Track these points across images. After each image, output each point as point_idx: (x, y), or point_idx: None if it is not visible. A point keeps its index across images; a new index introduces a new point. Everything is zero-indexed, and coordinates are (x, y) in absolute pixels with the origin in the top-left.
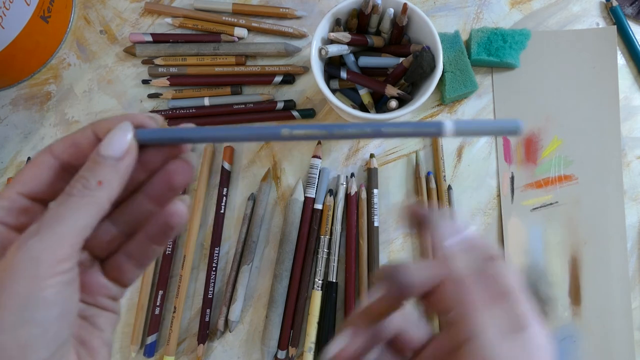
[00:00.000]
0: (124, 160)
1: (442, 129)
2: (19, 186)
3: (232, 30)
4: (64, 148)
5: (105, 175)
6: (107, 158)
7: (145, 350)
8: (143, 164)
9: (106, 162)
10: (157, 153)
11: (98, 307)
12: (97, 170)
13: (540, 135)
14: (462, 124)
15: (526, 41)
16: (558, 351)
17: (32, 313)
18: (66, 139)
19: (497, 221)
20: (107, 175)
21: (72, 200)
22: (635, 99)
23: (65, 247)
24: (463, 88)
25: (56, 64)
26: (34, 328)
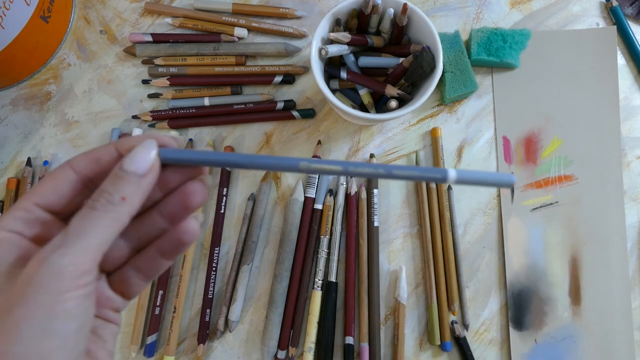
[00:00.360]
0: (147, 177)
1: (446, 175)
2: (36, 197)
3: (232, 30)
4: (86, 163)
5: (129, 191)
6: (131, 174)
7: (145, 350)
8: (161, 182)
9: (129, 178)
10: (176, 173)
11: (103, 319)
12: (121, 186)
13: (540, 135)
14: (464, 174)
15: (526, 41)
16: (558, 351)
17: (54, 325)
18: (88, 154)
19: (497, 221)
20: (130, 191)
21: (95, 215)
22: (635, 99)
23: (87, 261)
24: (463, 88)
25: (56, 64)
26: (56, 340)
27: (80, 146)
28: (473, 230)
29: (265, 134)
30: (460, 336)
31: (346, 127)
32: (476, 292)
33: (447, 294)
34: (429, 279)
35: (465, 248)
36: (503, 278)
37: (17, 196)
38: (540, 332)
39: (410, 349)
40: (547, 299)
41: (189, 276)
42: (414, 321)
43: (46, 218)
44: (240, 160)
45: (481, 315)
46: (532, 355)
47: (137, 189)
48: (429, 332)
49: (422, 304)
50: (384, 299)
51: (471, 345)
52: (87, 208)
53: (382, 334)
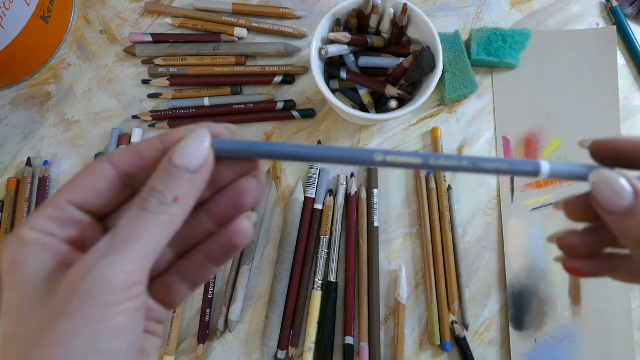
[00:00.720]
0: (201, 173)
1: (539, 169)
2: (70, 194)
3: (232, 30)
4: (127, 158)
5: (182, 189)
6: (182, 170)
7: None
8: (211, 179)
9: (181, 175)
10: (229, 168)
11: (146, 332)
12: (173, 184)
13: (540, 135)
14: (558, 168)
15: (526, 41)
16: (558, 351)
17: (104, 343)
18: (130, 148)
19: (497, 221)
20: (183, 189)
21: (147, 217)
22: (635, 99)
23: (139, 270)
24: (463, 88)
25: (56, 64)
26: (105, 359)
27: (81, 146)
28: (473, 230)
29: (265, 134)
30: (460, 336)
31: (346, 127)
32: (476, 292)
33: (447, 294)
34: (429, 279)
35: (465, 248)
36: (503, 278)
37: (17, 196)
38: (540, 332)
39: (410, 349)
40: (547, 299)
41: None
42: (414, 321)
43: (81, 218)
44: (307, 152)
45: (481, 315)
46: (532, 355)
47: (190, 187)
48: (429, 332)
49: (422, 304)
50: (384, 299)
51: (471, 345)
52: (138, 209)
53: (382, 334)
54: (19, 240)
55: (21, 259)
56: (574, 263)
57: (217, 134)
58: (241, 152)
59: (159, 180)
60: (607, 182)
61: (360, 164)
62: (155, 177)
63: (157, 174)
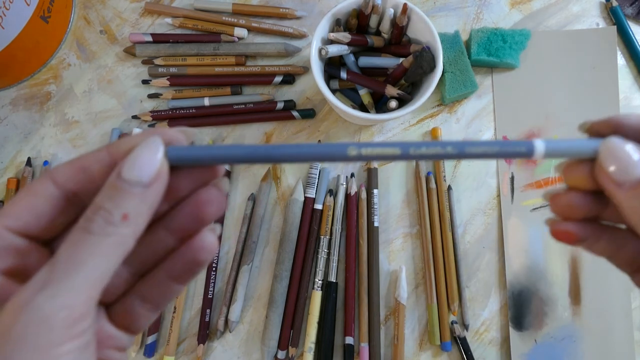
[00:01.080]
0: (154, 187)
1: (533, 149)
2: (9, 220)
3: (232, 30)
4: (70, 174)
5: (131, 206)
6: (132, 184)
7: (145, 350)
8: (167, 191)
9: (131, 190)
10: (187, 177)
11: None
12: (121, 200)
13: (540, 135)
14: (554, 145)
15: (526, 41)
16: (558, 351)
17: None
18: (72, 162)
19: (497, 221)
20: (133, 206)
21: (92, 241)
22: (635, 99)
23: (83, 302)
24: (463, 88)
25: (56, 64)
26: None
27: (81, 146)
28: (473, 230)
29: (265, 134)
30: (460, 336)
31: (346, 127)
32: (476, 292)
33: (447, 294)
34: (429, 279)
35: (465, 248)
36: (503, 278)
37: None
38: (540, 332)
39: (410, 349)
40: (547, 299)
41: None
42: (414, 321)
43: (21, 245)
44: (272, 153)
45: (481, 315)
46: (532, 355)
47: (142, 203)
48: (429, 332)
49: (422, 304)
50: (384, 299)
51: (471, 345)
52: (80, 231)
53: (382, 334)
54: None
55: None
56: (565, 225)
57: (171, 140)
58: (198, 159)
59: (106, 197)
60: (618, 151)
61: (332, 160)
62: (101, 194)
63: (104, 191)
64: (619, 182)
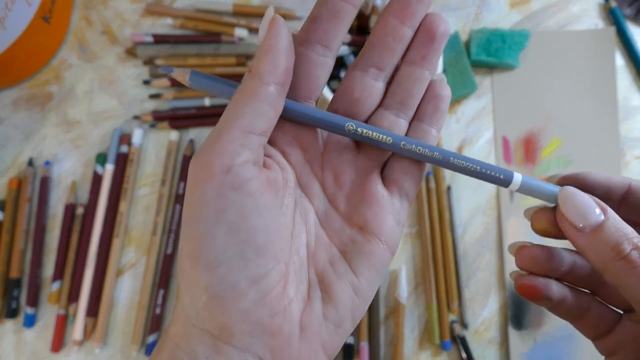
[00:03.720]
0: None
1: (511, 180)
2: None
3: (232, 30)
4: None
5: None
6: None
7: (146, 349)
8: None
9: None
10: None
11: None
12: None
13: (540, 135)
14: (530, 183)
15: (525, 42)
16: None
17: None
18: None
19: (496, 221)
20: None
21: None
22: (634, 99)
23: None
24: (462, 89)
25: (57, 64)
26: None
27: (82, 146)
28: (473, 230)
29: None
30: (459, 335)
31: None
32: (476, 291)
33: (447, 293)
34: (428, 279)
35: (465, 248)
36: (502, 277)
37: (18, 196)
38: (540, 331)
39: (410, 349)
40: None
41: None
42: (413, 321)
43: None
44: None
45: (480, 314)
46: (531, 355)
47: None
48: (429, 332)
49: (421, 304)
50: (383, 298)
51: (471, 345)
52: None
53: (382, 334)
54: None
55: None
56: (530, 279)
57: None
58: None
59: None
60: (574, 199)
61: (329, 129)
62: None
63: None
64: (578, 228)
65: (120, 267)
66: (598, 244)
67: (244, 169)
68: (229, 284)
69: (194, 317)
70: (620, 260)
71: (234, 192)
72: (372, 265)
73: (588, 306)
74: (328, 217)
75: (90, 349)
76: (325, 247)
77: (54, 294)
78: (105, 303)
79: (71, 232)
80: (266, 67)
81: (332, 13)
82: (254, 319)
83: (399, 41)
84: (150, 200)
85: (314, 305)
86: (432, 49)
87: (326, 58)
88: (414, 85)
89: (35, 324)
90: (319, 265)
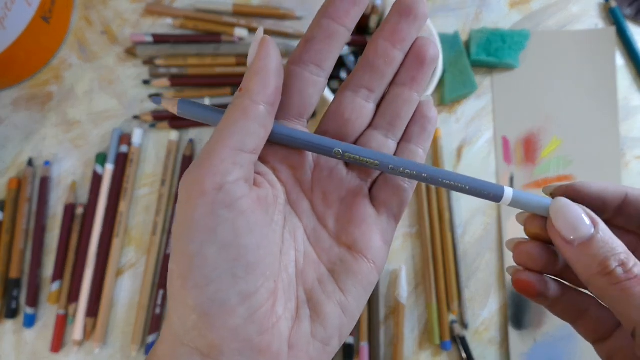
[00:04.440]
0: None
1: (502, 195)
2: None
3: (232, 30)
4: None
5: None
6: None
7: (146, 349)
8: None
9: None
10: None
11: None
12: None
13: (540, 135)
14: (521, 197)
15: (525, 42)
16: (557, 350)
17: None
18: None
19: (496, 221)
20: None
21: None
22: (634, 99)
23: (221, 163)
24: (462, 89)
25: (57, 64)
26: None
27: (82, 146)
28: (473, 231)
29: None
30: (459, 335)
31: None
32: (476, 291)
33: (447, 293)
34: (428, 279)
35: (465, 248)
36: (502, 278)
37: (18, 196)
38: (540, 331)
39: (410, 349)
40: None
41: None
42: (413, 321)
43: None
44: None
45: (480, 314)
46: (531, 355)
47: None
48: (429, 332)
49: (422, 304)
50: (383, 298)
51: (471, 345)
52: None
53: (382, 334)
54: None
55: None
56: (526, 275)
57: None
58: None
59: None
60: (565, 210)
61: (318, 152)
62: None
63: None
64: (568, 240)
65: (120, 267)
66: (586, 257)
67: (235, 187)
68: (219, 302)
69: (183, 336)
70: (605, 275)
71: (225, 210)
72: (359, 284)
73: (587, 307)
74: (317, 234)
75: (90, 349)
76: (314, 265)
77: (54, 294)
78: (105, 303)
79: (71, 232)
80: (256, 86)
81: (326, 35)
82: (243, 336)
83: (389, 64)
84: (150, 200)
85: (302, 323)
86: (422, 72)
87: (319, 77)
88: (402, 106)
89: (35, 324)
90: (307, 284)
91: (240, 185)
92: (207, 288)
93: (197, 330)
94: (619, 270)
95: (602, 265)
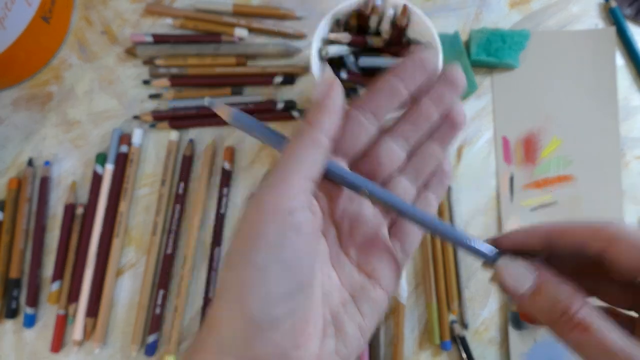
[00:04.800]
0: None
1: (494, 259)
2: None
3: (232, 30)
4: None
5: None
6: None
7: (146, 349)
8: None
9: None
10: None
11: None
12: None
13: (540, 135)
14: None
15: (525, 42)
16: (557, 350)
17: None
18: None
19: (496, 221)
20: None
21: (291, 145)
22: (634, 99)
23: (293, 189)
24: None
25: (57, 64)
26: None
27: (82, 146)
28: (473, 231)
29: None
30: (459, 335)
31: None
32: (475, 291)
33: (447, 293)
34: (428, 279)
35: None
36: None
37: (18, 196)
38: (540, 331)
39: (410, 349)
40: None
41: (190, 276)
42: (413, 320)
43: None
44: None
45: (480, 314)
46: (531, 355)
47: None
48: (429, 332)
49: (422, 304)
50: None
51: (471, 345)
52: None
53: (382, 334)
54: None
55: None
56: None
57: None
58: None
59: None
60: (507, 270)
61: (348, 187)
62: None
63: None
64: (517, 294)
65: (120, 267)
66: (539, 307)
67: (302, 212)
68: (272, 316)
69: (230, 346)
70: (562, 319)
71: (293, 232)
72: (375, 309)
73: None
74: (339, 260)
75: (90, 349)
76: (337, 288)
77: (54, 294)
78: (105, 303)
79: (71, 232)
80: (326, 122)
81: (390, 92)
82: (282, 350)
83: (429, 122)
84: (150, 200)
85: (328, 341)
86: (453, 134)
87: (372, 126)
88: (430, 160)
89: (35, 324)
90: (332, 305)
91: (306, 210)
92: (266, 302)
93: (245, 341)
94: (564, 318)
95: (555, 312)
